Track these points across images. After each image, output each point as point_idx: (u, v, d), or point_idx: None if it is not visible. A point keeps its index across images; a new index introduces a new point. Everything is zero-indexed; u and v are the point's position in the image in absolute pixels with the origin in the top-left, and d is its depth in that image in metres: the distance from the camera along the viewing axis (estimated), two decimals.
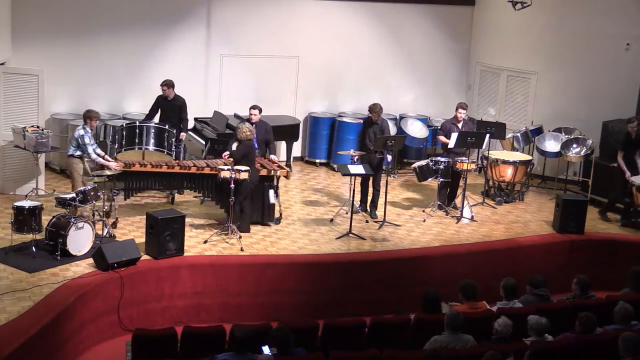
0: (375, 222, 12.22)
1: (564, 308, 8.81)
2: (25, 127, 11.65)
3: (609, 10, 14.55)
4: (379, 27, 15.72)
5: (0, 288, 9.04)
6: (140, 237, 10.54)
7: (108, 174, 10.80)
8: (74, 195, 10.13)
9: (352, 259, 10.92)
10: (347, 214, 11.94)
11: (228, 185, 10.79)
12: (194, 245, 10.72)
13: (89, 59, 13.82)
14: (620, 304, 8.27)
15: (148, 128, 12.14)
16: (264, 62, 14.94)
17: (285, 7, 15.03)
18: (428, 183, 13.21)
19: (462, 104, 13.00)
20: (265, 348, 7.29)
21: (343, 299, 10.63)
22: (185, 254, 10.35)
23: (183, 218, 10.38)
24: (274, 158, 12.06)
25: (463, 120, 12.90)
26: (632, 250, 12.01)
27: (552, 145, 14.36)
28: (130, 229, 11.14)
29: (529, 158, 13.82)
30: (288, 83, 15.30)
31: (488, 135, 12.91)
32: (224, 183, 10.89)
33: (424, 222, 12.41)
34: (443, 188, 12.83)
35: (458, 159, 12.56)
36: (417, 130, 15.07)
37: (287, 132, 14.27)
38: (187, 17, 14.39)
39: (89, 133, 11.10)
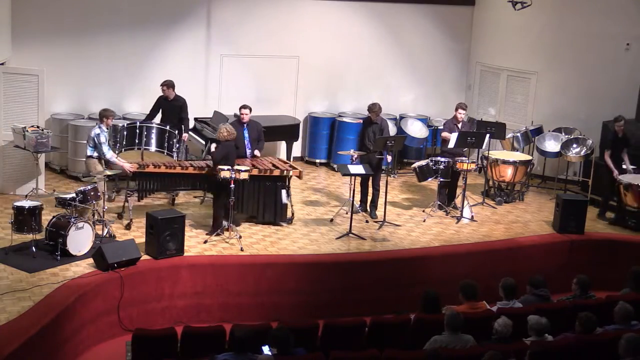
0: (375, 222, 12.22)
1: (564, 308, 8.81)
2: (25, 127, 11.65)
3: (609, 10, 14.56)
4: (379, 27, 15.72)
5: (0, 288, 9.04)
6: (140, 237, 10.54)
7: (108, 174, 10.80)
8: (74, 195, 10.13)
9: (352, 259, 10.92)
10: (347, 214, 11.95)
11: (228, 185, 10.83)
12: (194, 245, 10.72)
13: (89, 59, 13.82)
14: (620, 304, 8.27)
15: (149, 128, 12.14)
16: (264, 62, 14.94)
17: (285, 7, 15.03)
18: (428, 183, 13.21)
19: (461, 105, 12.98)
20: (265, 348, 7.29)
21: (343, 299, 10.63)
22: (185, 254, 10.36)
23: (183, 218, 10.38)
24: (257, 153, 12.04)
25: (462, 122, 12.90)
26: (632, 250, 12.01)
27: (552, 145, 14.37)
28: (130, 229, 11.14)
29: (529, 158, 13.82)
30: (288, 83, 15.30)
31: (488, 135, 12.91)
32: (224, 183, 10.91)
33: (424, 222, 12.41)
34: (443, 188, 12.84)
35: (458, 159, 12.56)
36: (417, 130, 15.07)
37: (287, 132, 14.26)
38: (187, 17, 14.39)
39: (105, 132, 11.11)
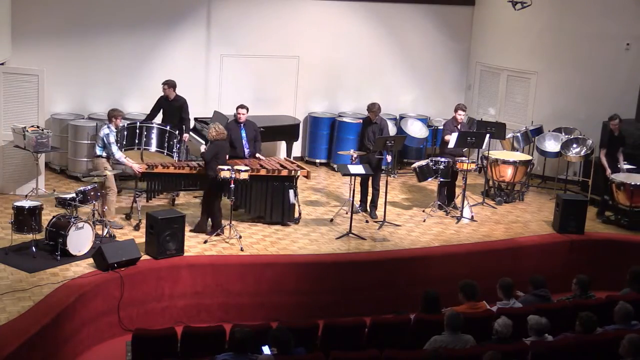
0: (375, 222, 12.22)
1: (564, 308, 8.81)
2: (25, 127, 11.65)
3: (609, 10, 14.56)
4: (379, 27, 15.72)
5: (0, 288, 9.04)
6: (140, 237, 10.54)
7: (108, 174, 10.80)
8: (74, 195, 10.13)
9: (352, 259, 10.92)
10: (347, 214, 11.95)
11: (228, 185, 10.84)
12: (194, 245, 10.72)
13: (89, 59, 13.82)
14: (621, 304, 8.27)
15: (149, 128, 12.14)
16: (264, 62, 14.94)
17: (286, 7, 15.03)
18: (428, 183, 13.21)
19: (461, 106, 12.96)
20: (265, 348, 7.29)
21: (343, 299, 10.63)
22: (185, 254, 10.35)
23: (183, 218, 10.38)
24: (260, 156, 12.04)
25: (461, 123, 12.89)
26: (632, 250, 12.01)
27: (552, 145, 14.36)
28: (130, 229, 11.14)
29: (529, 158, 13.82)
30: (288, 83, 15.29)
31: (488, 135, 12.91)
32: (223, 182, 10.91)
33: (424, 222, 12.41)
34: (443, 188, 12.84)
35: (458, 159, 12.56)
36: (417, 130, 15.07)
37: (287, 132, 14.26)
38: (187, 17, 14.39)
39: (114, 132, 11.10)
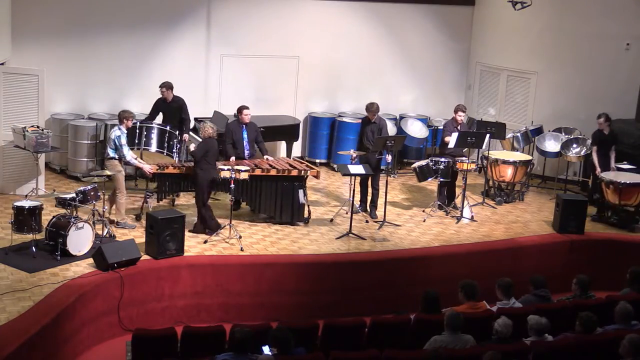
0: (375, 222, 12.22)
1: (564, 308, 8.81)
2: (25, 127, 11.64)
3: (609, 10, 14.56)
4: (379, 27, 15.72)
5: (0, 288, 9.04)
6: (140, 237, 10.54)
7: (108, 174, 10.80)
8: (74, 195, 10.13)
9: (352, 259, 10.92)
10: (347, 214, 11.95)
11: (228, 185, 10.85)
12: (194, 245, 10.72)
13: (89, 59, 13.82)
14: (621, 304, 8.27)
15: (149, 129, 12.14)
16: (264, 62, 14.94)
17: (285, 7, 15.03)
18: (428, 183, 13.21)
19: (461, 107, 12.95)
20: (265, 348, 7.29)
21: (343, 299, 10.62)
22: (185, 254, 10.35)
23: (183, 218, 10.38)
24: (270, 158, 12.07)
25: (461, 124, 12.89)
26: (632, 250, 12.01)
27: (552, 145, 14.37)
28: (130, 230, 11.13)
29: (529, 158, 13.82)
30: (288, 83, 15.30)
31: (488, 135, 12.91)
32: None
33: (424, 222, 12.41)
34: (443, 188, 12.84)
35: (458, 159, 12.56)
36: (417, 130, 15.07)
37: (287, 132, 14.26)
38: (187, 17, 14.39)
39: (125, 133, 11.10)
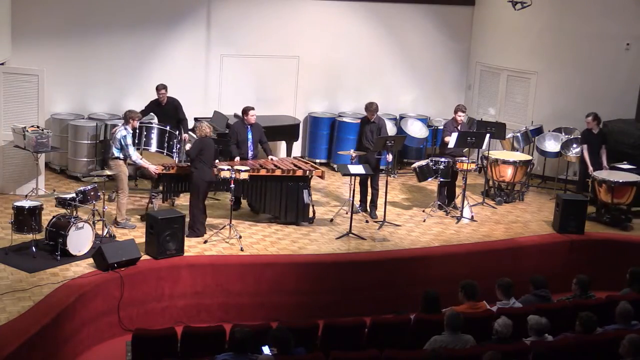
0: (375, 222, 12.22)
1: (564, 308, 8.81)
2: (25, 127, 11.64)
3: (609, 10, 14.56)
4: (379, 27, 15.72)
5: (0, 288, 9.04)
6: (140, 237, 10.54)
7: (108, 174, 10.80)
8: (74, 195, 10.13)
9: (352, 259, 10.91)
10: (347, 214, 11.95)
11: (228, 185, 10.85)
12: (194, 245, 10.72)
13: (89, 59, 13.83)
14: (621, 304, 8.27)
15: (149, 129, 12.13)
16: (264, 62, 14.94)
17: (285, 7, 15.03)
18: (428, 183, 13.21)
19: (460, 107, 12.95)
20: (265, 348, 7.29)
21: (343, 299, 10.62)
22: (185, 254, 10.35)
23: (183, 218, 10.38)
24: (275, 159, 12.08)
25: (462, 124, 12.89)
26: (632, 250, 12.01)
27: (552, 145, 14.37)
28: (130, 230, 11.13)
29: (529, 158, 13.82)
30: (288, 83, 15.30)
31: (488, 135, 12.91)
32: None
33: (424, 222, 12.41)
34: (443, 188, 12.84)
35: (458, 159, 12.57)
36: (417, 130, 15.07)
37: (287, 132, 14.26)
38: (187, 17, 14.39)
39: (130, 133, 11.10)
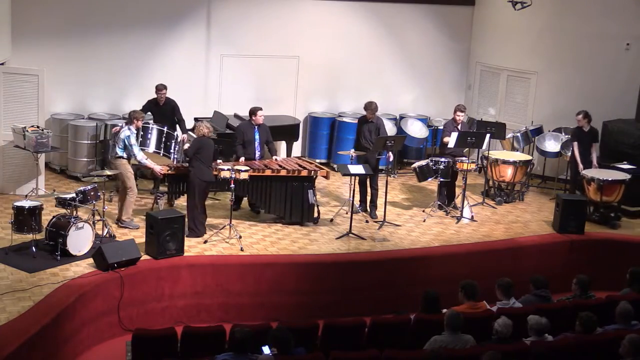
0: (375, 222, 12.22)
1: (564, 308, 8.81)
2: (25, 127, 11.65)
3: (609, 11, 14.56)
4: (379, 27, 15.72)
5: (0, 288, 9.04)
6: (140, 237, 10.54)
7: (108, 174, 10.81)
8: (74, 195, 10.13)
9: (352, 259, 10.92)
10: (347, 214, 11.95)
11: (229, 185, 10.86)
12: (194, 245, 10.72)
13: (89, 59, 13.83)
14: (622, 304, 8.26)
15: (147, 129, 12.12)
16: (264, 62, 14.94)
17: (285, 7, 15.03)
18: (428, 183, 13.21)
19: (460, 107, 12.95)
20: (265, 348, 7.29)
21: (343, 299, 10.63)
22: (185, 254, 10.35)
23: (183, 218, 10.38)
24: (279, 159, 12.09)
25: (461, 123, 12.90)
26: (632, 250, 12.01)
27: (552, 145, 14.38)
28: (130, 229, 11.13)
29: (529, 158, 13.82)
30: (288, 83, 15.30)
31: (488, 135, 12.90)
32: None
33: (424, 222, 12.41)
34: (443, 188, 12.84)
35: (458, 159, 12.57)
36: (417, 130, 15.07)
37: (287, 132, 14.26)
38: (187, 17, 14.39)
39: (134, 133, 11.11)
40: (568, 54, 14.87)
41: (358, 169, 11.69)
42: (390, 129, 14.38)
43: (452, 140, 12.55)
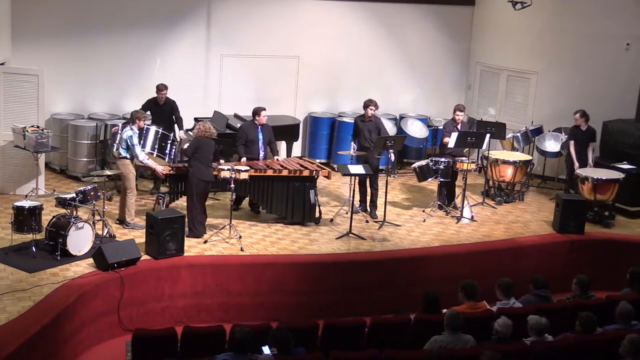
0: (375, 222, 12.22)
1: (564, 308, 8.81)
2: (25, 127, 11.65)
3: (609, 10, 14.56)
4: (379, 27, 15.72)
5: (0, 288, 9.04)
6: (140, 237, 10.54)
7: (108, 174, 10.81)
8: (74, 195, 10.13)
9: (352, 259, 10.92)
10: (347, 214, 11.95)
11: (229, 185, 10.86)
12: (194, 245, 10.72)
13: (89, 59, 13.83)
14: (622, 304, 8.27)
15: (144, 130, 12.09)
16: (264, 62, 14.94)
17: (285, 7, 15.03)
18: (428, 183, 13.21)
19: (459, 107, 12.96)
20: (265, 348, 7.29)
21: (343, 299, 10.63)
22: (185, 254, 10.35)
23: (183, 218, 10.38)
24: (281, 159, 12.09)
25: (461, 123, 12.90)
26: (632, 250, 12.01)
27: (552, 145, 14.38)
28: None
29: (529, 158, 13.82)
30: (288, 83, 15.30)
31: (488, 135, 12.91)
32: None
33: (424, 222, 12.41)
34: (443, 188, 12.84)
35: (458, 159, 12.57)
36: (417, 130, 15.07)
37: (287, 132, 14.25)
38: (187, 17, 14.39)
39: (137, 133, 11.11)
40: (568, 54, 14.87)
41: (358, 169, 11.69)
42: (390, 129, 14.38)
43: (452, 141, 12.55)
